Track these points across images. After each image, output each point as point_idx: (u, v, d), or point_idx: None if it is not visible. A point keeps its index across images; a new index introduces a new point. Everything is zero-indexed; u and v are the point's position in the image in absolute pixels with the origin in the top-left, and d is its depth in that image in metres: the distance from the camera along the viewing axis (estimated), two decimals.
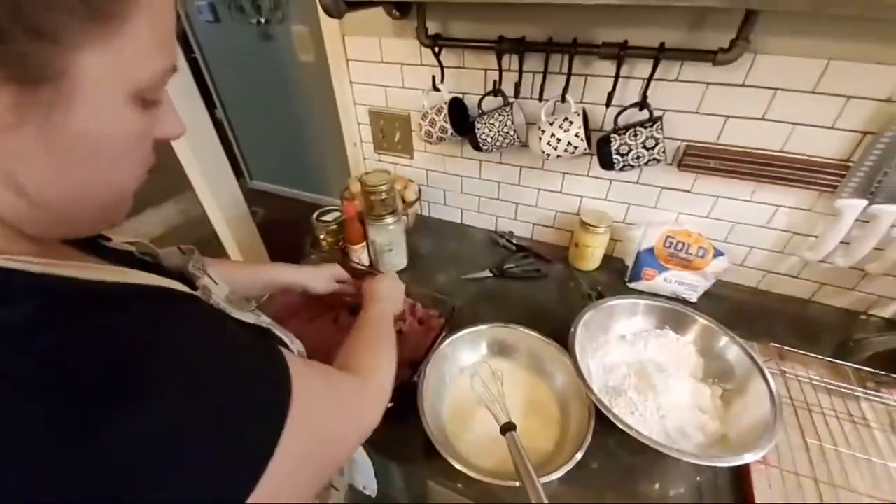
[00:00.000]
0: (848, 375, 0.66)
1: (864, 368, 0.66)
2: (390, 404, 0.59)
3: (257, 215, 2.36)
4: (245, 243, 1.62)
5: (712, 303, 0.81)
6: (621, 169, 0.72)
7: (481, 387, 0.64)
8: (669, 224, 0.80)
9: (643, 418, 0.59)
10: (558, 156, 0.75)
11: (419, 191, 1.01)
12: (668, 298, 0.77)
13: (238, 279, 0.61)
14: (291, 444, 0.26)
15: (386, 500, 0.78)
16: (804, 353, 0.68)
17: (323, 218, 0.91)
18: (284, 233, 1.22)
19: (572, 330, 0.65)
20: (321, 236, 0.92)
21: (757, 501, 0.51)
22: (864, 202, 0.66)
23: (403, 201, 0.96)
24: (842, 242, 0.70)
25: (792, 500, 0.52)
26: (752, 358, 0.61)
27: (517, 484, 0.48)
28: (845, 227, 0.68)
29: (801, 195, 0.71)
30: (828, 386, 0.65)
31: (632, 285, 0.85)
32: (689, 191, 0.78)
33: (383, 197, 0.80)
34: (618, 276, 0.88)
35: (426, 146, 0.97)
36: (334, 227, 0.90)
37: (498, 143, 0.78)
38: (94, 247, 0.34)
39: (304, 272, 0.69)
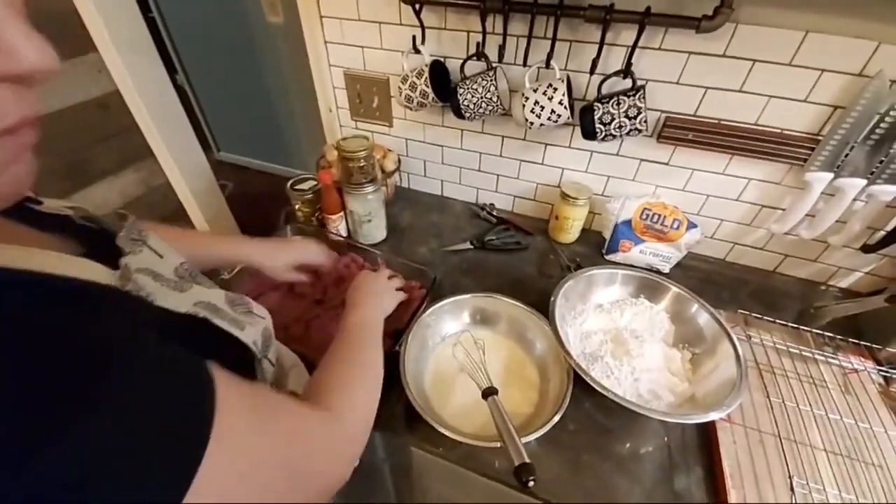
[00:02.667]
0: (808, 340, 0.70)
1: (823, 333, 0.70)
2: None
3: (227, 189, 2.25)
4: (214, 218, 1.55)
5: (683, 273, 0.84)
6: (603, 139, 0.71)
7: (463, 355, 0.64)
8: (647, 197, 0.82)
9: (618, 381, 0.61)
10: (541, 124, 0.74)
11: (399, 160, 0.98)
12: (643, 269, 0.79)
13: (195, 252, 0.54)
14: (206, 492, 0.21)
15: (369, 468, 0.78)
16: (769, 319, 0.71)
17: (298, 187, 0.87)
18: (256, 207, 1.17)
19: (553, 298, 0.65)
20: (297, 206, 0.89)
21: (721, 456, 0.54)
22: (831, 175, 0.68)
23: (382, 171, 0.94)
24: (807, 215, 0.74)
25: (754, 453, 0.55)
26: (720, 323, 0.64)
27: (499, 445, 0.49)
28: (812, 200, 0.71)
29: (771, 168, 0.73)
30: (790, 350, 0.68)
31: (609, 257, 0.87)
32: (666, 163, 0.79)
33: (362, 164, 0.77)
34: (595, 249, 0.90)
35: (406, 113, 0.94)
36: (310, 196, 0.86)
37: (480, 110, 0.76)
38: (19, 212, 0.28)
39: (263, 251, 0.62)
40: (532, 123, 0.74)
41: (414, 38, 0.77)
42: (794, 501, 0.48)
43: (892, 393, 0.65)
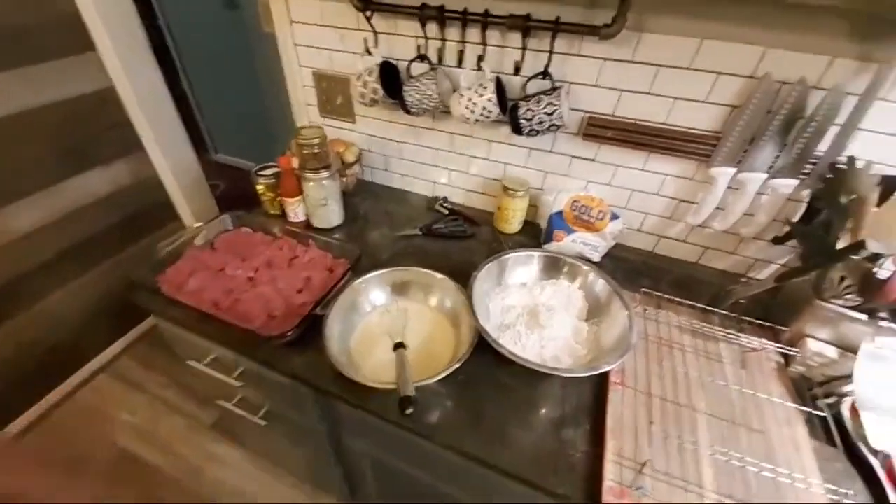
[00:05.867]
0: (714, 321, 0.76)
1: (731, 315, 0.75)
2: (289, 333, 0.65)
3: (218, 188, 2.36)
4: (201, 210, 1.64)
5: (613, 263, 0.90)
6: (528, 133, 0.79)
7: (389, 320, 0.70)
8: (578, 190, 0.89)
9: (524, 347, 0.67)
10: (476, 119, 0.82)
11: (360, 154, 1.06)
12: (575, 258, 0.85)
13: None
14: None
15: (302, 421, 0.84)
16: (679, 300, 0.77)
17: (262, 172, 0.96)
18: (243, 205, 1.25)
19: (475, 273, 0.72)
20: (260, 190, 0.97)
21: (608, 412, 0.60)
22: (734, 170, 0.75)
23: (343, 162, 1.02)
24: (718, 208, 0.80)
25: (639, 412, 0.61)
26: (614, 289, 0.71)
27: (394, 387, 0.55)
28: (719, 193, 0.78)
29: (683, 164, 0.80)
30: (693, 328, 0.74)
31: (546, 246, 0.93)
32: (593, 160, 0.87)
33: (315, 150, 0.85)
34: (535, 239, 0.96)
35: (367, 111, 1.03)
36: (272, 180, 0.95)
37: (423, 106, 0.84)
38: None
39: None
40: (468, 119, 0.82)
41: (365, 40, 0.86)
42: (651, 443, 0.53)
43: (787, 371, 0.70)
